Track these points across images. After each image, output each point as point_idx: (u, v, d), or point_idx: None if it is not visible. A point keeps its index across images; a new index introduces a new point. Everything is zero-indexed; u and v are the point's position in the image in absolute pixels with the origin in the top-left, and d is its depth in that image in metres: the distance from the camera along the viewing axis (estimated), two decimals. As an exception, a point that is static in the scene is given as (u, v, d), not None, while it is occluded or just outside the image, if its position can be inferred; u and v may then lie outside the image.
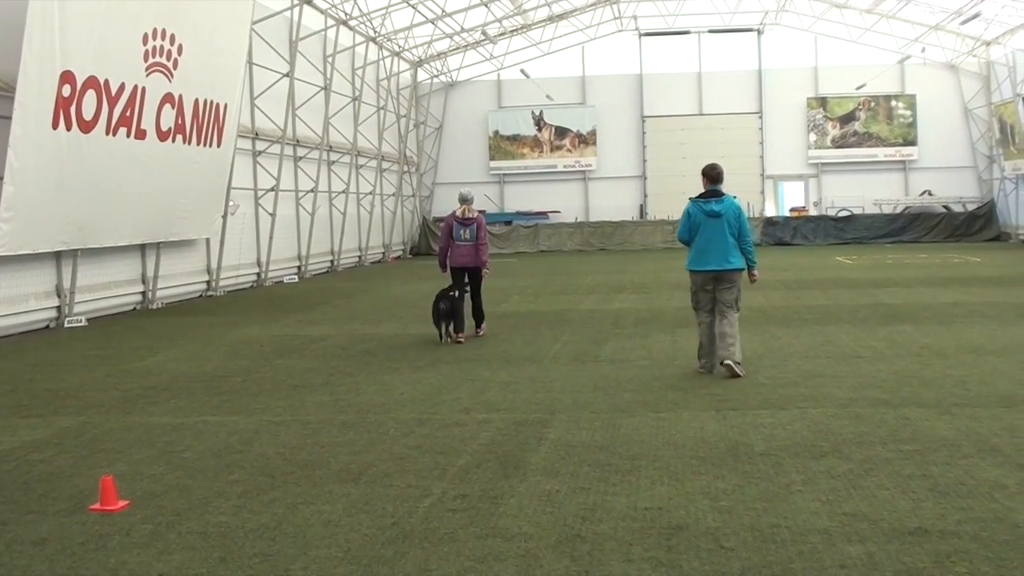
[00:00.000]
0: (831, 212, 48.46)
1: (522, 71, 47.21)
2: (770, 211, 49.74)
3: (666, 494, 7.45)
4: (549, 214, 49.04)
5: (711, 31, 49.20)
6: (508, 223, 48.44)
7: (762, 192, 49.63)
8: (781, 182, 50.45)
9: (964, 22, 44.10)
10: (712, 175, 12.87)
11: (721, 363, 12.51)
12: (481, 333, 17.22)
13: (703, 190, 12.99)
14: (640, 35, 49.38)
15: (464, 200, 17.41)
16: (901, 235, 46.85)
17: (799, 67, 49.29)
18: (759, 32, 49.25)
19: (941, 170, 48.91)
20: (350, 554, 6.29)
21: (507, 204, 49.73)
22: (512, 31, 46.64)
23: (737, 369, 12.37)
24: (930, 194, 48.58)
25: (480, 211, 17.92)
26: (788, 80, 49.14)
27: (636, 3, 47.69)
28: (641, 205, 49.55)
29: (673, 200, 47.99)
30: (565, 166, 49.74)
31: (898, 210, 48.51)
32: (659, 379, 12.43)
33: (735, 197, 13.09)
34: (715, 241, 12.70)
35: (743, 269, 12.85)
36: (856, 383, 11.87)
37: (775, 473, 7.97)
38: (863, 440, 8.99)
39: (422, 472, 8.19)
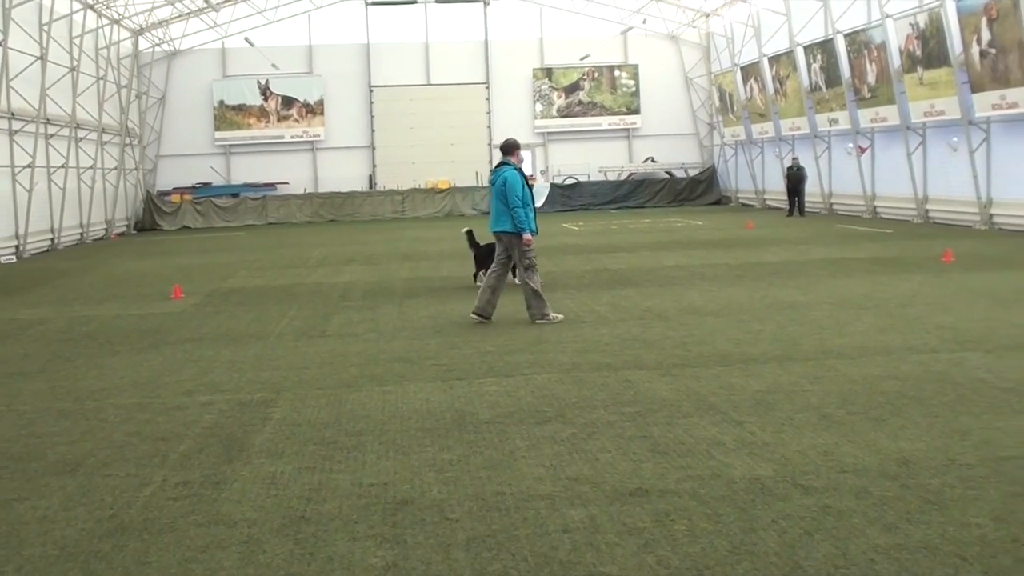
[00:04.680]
0: (558, 180, 49.46)
1: (246, 39, 46.26)
2: (499, 180, 50.22)
3: (392, 468, 7.47)
4: (277, 185, 48.30)
5: (438, 1, 49.29)
6: (235, 195, 47.49)
7: (490, 161, 50.07)
8: (509, 151, 51.03)
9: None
10: (501, 148, 14.78)
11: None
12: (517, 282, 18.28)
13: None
14: (367, 4, 49.02)
15: None
16: (626, 201, 48.32)
17: (525, 38, 50.06)
18: (485, 3, 49.63)
19: (664, 137, 50.72)
20: (66, 551, 6.05)
21: (234, 176, 48.67)
22: (236, -2, 45.64)
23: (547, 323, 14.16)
24: (653, 161, 50.26)
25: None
26: (514, 51, 49.85)
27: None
28: (370, 175, 49.36)
29: (402, 170, 48.14)
30: (293, 136, 49.05)
31: (623, 177, 50.01)
32: (386, 352, 12.44)
33: (517, 168, 14.46)
34: (492, 207, 14.58)
35: (510, 232, 14.26)
36: (580, 348, 12.19)
37: (500, 441, 8.10)
38: (586, 404, 9.24)
39: (142, 460, 7.94)
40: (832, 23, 35.56)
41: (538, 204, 17.02)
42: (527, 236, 14.28)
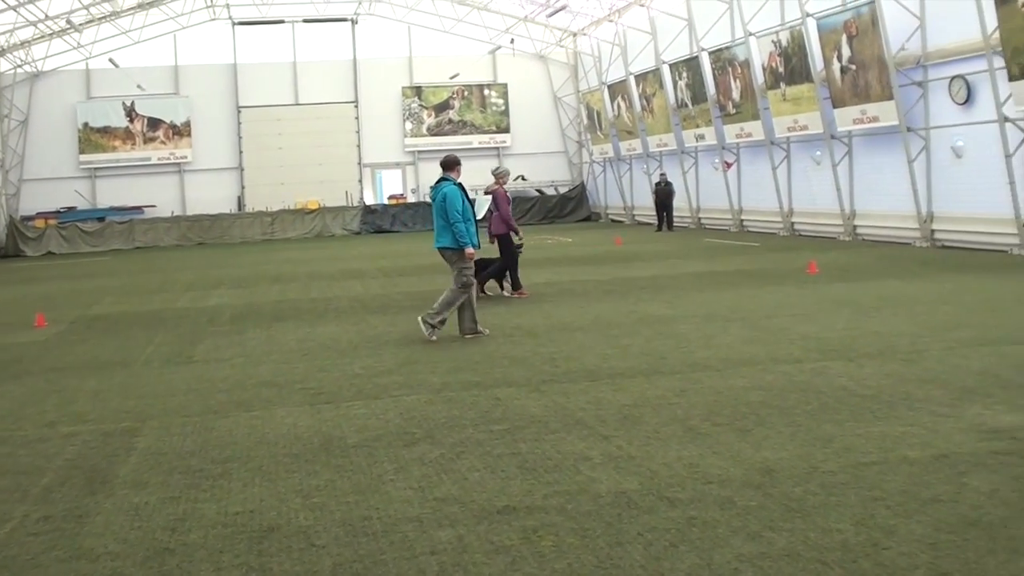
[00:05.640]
0: (429, 199, 49.29)
1: (111, 60, 45.46)
2: (369, 199, 50.18)
3: (258, 496, 7.37)
4: (144, 209, 47.45)
5: (305, 20, 49.08)
6: (101, 219, 46.55)
7: (360, 180, 50.03)
8: (380, 170, 51.01)
9: (551, 14, 46.17)
10: (441, 164, 15.12)
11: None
12: (505, 294, 19.44)
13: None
14: (234, 24, 48.59)
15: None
16: (497, 219, 48.40)
17: (394, 57, 50.01)
18: (353, 22, 49.54)
19: (534, 155, 51.10)
20: (-80, 594, 5.86)
21: (100, 199, 47.66)
22: (100, 18, 44.74)
23: (424, 330, 14.21)
24: (524, 179, 50.49)
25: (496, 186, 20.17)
26: (383, 70, 49.77)
27: (228, -9, 47.01)
28: (239, 197, 48.82)
29: (271, 191, 47.73)
30: (159, 158, 48.19)
31: (494, 195, 50.09)
32: (253, 377, 12.28)
33: (457, 184, 14.69)
34: (434, 223, 14.81)
35: (451, 247, 14.44)
36: (450, 367, 12.18)
37: (368, 464, 8.04)
38: (455, 423, 9.24)
39: (1, 496, 7.70)
40: (697, 41, 36.19)
41: (479, 217, 17.01)
42: (469, 250, 14.36)
